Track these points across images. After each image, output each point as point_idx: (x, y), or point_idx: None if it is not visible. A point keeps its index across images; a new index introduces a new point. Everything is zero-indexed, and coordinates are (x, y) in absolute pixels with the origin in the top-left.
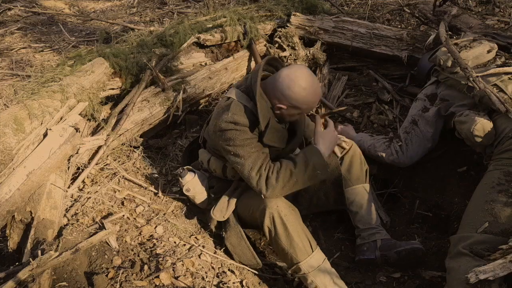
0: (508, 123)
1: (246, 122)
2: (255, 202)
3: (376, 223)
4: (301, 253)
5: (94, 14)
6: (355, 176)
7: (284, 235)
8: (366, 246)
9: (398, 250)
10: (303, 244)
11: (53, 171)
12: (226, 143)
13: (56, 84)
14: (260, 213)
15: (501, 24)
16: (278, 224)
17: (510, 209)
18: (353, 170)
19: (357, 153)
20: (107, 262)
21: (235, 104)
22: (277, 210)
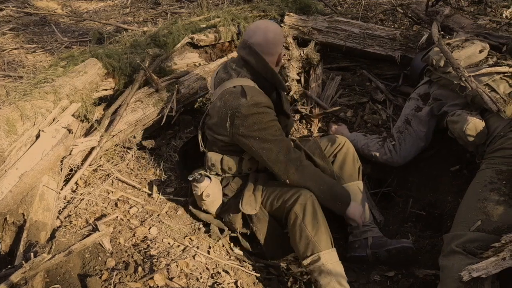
0: (500, 122)
1: (267, 100)
2: (288, 193)
3: (368, 221)
4: (324, 244)
5: (87, 14)
6: (347, 174)
7: (312, 222)
8: (358, 244)
9: (388, 249)
10: (327, 236)
11: (45, 173)
12: (249, 129)
13: (49, 85)
14: (293, 200)
15: (493, 24)
16: (309, 211)
17: (502, 207)
18: (345, 167)
19: (350, 151)
20: (101, 264)
21: (248, 88)
22: (311, 199)
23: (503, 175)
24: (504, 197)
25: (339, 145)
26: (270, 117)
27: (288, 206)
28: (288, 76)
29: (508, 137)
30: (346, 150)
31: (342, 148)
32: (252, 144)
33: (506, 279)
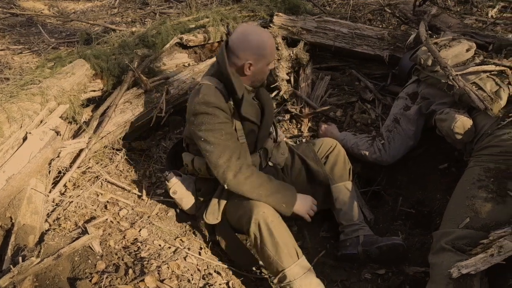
0: (487, 120)
1: (217, 101)
2: (242, 207)
3: (359, 220)
4: (286, 260)
5: (74, 15)
6: (338, 174)
7: (270, 241)
8: (349, 242)
9: (379, 246)
10: (289, 251)
11: (33, 176)
12: (197, 128)
13: (36, 87)
14: (247, 220)
15: (479, 24)
16: (264, 231)
17: (490, 204)
18: (336, 168)
19: (341, 152)
20: (91, 267)
21: (205, 86)
22: (263, 217)
23: (491, 172)
24: (492, 194)
25: (331, 147)
26: (218, 119)
27: (245, 224)
28: (278, 76)
29: (495, 135)
30: (337, 152)
31: (334, 150)
32: (199, 143)
33: (494, 275)
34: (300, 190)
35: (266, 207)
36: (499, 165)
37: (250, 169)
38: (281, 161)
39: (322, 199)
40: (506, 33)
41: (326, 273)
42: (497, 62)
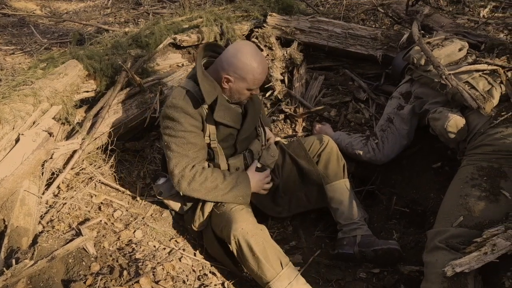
0: (480, 119)
1: (184, 105)
2: (224, 220)
3: (357, 218)
4: (269, 273)
5: (67, 15)
6: (333, 173)
7: (251, 257)
8: (346, 241)
9: (375, 249)
10: (271, 264)
11: (26, 177)
12: (163, 131)
13: (28, 88)
14: (227, 234)
15: (471, 23)
16: (244, 247)
17: (484, 202)
18: (330, 166)
19: (333, 150)
20: (85, 269)
21: (176, 89)
22: (242, 233)
23: (484, 171)
24: (485, 193)
25: (323, 144)
26: (182, 127)
27: (226, 238)
28: (272, 76)
29: (488, 134)
30: (330, 149)
31: (326, 148)
32: (162, 146)
33: (488, 274)
34: (292, 189)
35: (245, 221)
36: (492, 163)
37: (203, 175)
38: (270, 162)
39: (315, 198)
40: (498, 33)
41: (321, 273)
42: (489, 61)
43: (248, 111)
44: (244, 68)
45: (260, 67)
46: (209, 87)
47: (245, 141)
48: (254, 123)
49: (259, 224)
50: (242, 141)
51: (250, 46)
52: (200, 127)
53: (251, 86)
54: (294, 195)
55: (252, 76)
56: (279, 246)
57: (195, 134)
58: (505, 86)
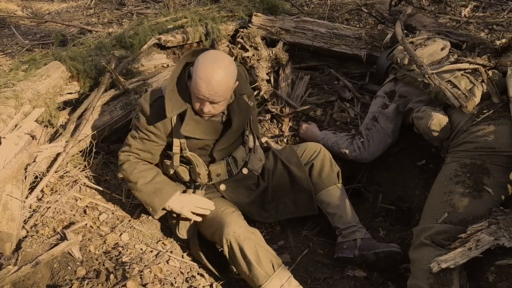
0: (463, 117)
1: (147, 110)
2: (215, 224)
3: (355, 221)
4: (261, 277)
5: (49, 16)
6: (327, 178)
7: (243, 261)
8: (346, 245)
9: (376, 252)
10: (263, 267)
11: (8, 182)
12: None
13: (10, 90)
14: (219, 238)
15: (453, 23)
16: (236, 251)
17: (467, 199)
18: (324, 172)
19: (326, 156)
20: (71, 273)
21: (153, 90)
22: (234, 236)
23: (467, 168)
24: (468, 189)
25: (315, 152)
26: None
27: (218, 241)
28: (257, 76)
29: (470, 132)
30: (322, 156)
31: (319, 155)
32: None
33: (472, 269)
34: (281, 195)
35: (237, 225)
36: (474, 160)
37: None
38: (258, 167)
39: (303, 205)
40: (479, 32)
41: (309, 272)
42: (471, 60)
43: (232, 121)
44: (195, 69)
45: (205, 68)
46: (176, 99)
47: (225, 150)
48: (236, 133)
49: (251, 227)
50: (220, 151)
51: (213, 54)
52: (158, 136)
53: (195, 93)
54: (281, 201)
55: (194, 78)
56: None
57: (147, 139)
58: (486, 85)
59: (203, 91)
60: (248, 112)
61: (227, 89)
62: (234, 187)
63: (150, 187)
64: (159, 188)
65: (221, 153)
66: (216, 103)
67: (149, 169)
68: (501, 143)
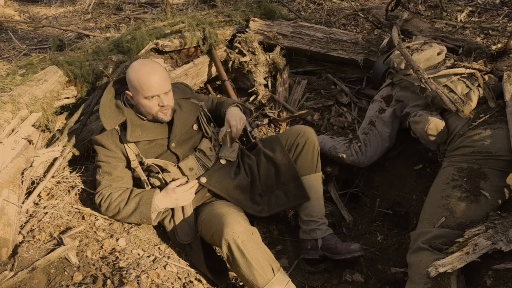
0: (459, 122)
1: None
2: (214, 225)
3: (317, 216)
4: (261, 279)
5: (46, 20)
6: (305, 165)
7: (242, 262)
8: (310, 245)
9: (338, 259)
10: (263, 270)
11: (5, 186)
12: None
13: (7, 95)
14: (218, 239)
15: (449, 28)
16: (236, 252)
17: (465, 203)
18: (302, 158)
19: (310, 140)
20: (67, 279)
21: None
22: (233, 238)
23: (464, 172)
24: (465, 194)
25: (298, 135)
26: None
27: (218, 243)
28: (255, 81)
29: (467, 136)
30: (304, 140)
31: (302, 138)
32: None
33: (470, 273)
34: (271, 189)
35: (237, 224)
36: (471, 164)
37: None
38: (231, 153)
39: (293, 194)
40: (475, 37)
41: (306, 277)
42: (467, 65)
43: (174, 117)
44: (131, 78)
45: (142, 70)
46: (111, 113)
47: (184, 145)
48: (184, 126)
49: (251, 227)
50: (179, 146)
51: (141, 60)
52: (117, 156)
53: (145, 93)
54: (273, 194)
55: (137, 83)
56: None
57: (109, 164)
58: (482, 89)
59: (154, 85)
60: (194, 109)
61: (167, 77)
62: (215, 177)
63: (132, 205)
64: (138, 200)
65: (181, 148)
66: (167, 93)
67: (122, 192)
68: (497, 147)
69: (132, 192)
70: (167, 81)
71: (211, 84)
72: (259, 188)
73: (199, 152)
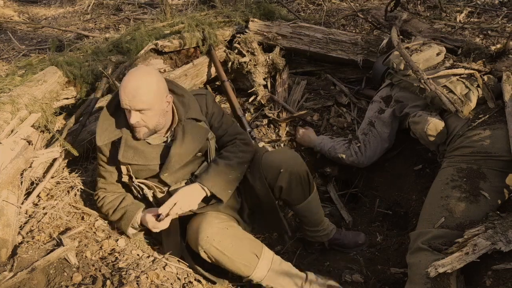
0: (458, 122)
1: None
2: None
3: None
4: (247, 270)
5: (46, 21)
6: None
7: (225, 259)
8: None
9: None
10: (247, 260)
11: (4, 187)
12: None
13: (6, 95)
14: (195, 247)
15: (448, 28)
16: (215, 254)
17: (464, 203)
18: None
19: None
20: (67, 279)
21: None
22: (209, 242)
23: (463, 172)
24: (465, 194)
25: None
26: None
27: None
28: (254, 82)
29: (466, 136)
30: (288, 176)
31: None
32: None
33: (470, 273)
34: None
35: (210, 227)
36: (471, 165)
37: (100, 203)
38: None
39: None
40: (474, 37)
41: None
42: (466, 65)
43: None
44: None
45: (126, 77)
46: (107, 126)
47: (179, 172)
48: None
49: (225, 223)
50: (171, 176)
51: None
52: (109, 161)
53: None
54: (257, 217)
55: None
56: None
57: (104, 168)
58: (481, 90)
59: (123, 97)
60: (201, 135)
61: (148, 94)
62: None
63: (117, 215)
64: (123, 213)
65: (173, 177)
66: (141, 111)
67: (114, 198)
68: (497, 148)
69: (122, 202)
70: (139, 97)
71: (210, 85)
72: (246, 211)
73: (195, 178)
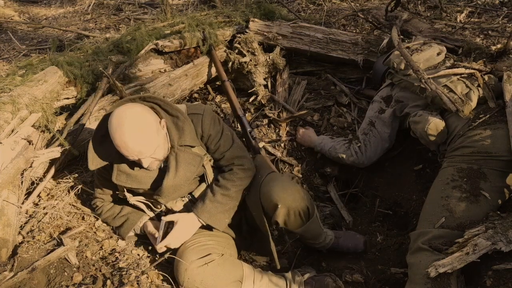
0: (459, 122)
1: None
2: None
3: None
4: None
5: (46, 21)
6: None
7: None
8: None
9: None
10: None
11: (5, 187)
12: None
13: (6, 95)
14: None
15: (449, 28)
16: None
17: (464, 203)
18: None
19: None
20: (67, 279)
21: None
22: (190, 283)
23: (464, 172)
24: (465, 194)
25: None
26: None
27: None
28: (255, 82)
29: (467, 136)
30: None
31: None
32: None
33: (470, 273)
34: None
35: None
36: (471, 165)
37: (99, 210)
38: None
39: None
40: (474, 37)
41: None
42: (466, 65)
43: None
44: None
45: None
46: (99, 152)
47: (175, 193)
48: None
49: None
50: (167, 197)
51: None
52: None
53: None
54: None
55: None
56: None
57: (100, 182)
58: (482, 89)
59: (130, 155)
60: (195, 163)
61: (151, 137)
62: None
63: (118, 221)
64: (125, 220)
65: (169, 198)
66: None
67: (112, 207)
68: (497, 148)
69: (122, 211)
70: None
71: (211, 85)
72: (246, 225)
73: (192, 197)
